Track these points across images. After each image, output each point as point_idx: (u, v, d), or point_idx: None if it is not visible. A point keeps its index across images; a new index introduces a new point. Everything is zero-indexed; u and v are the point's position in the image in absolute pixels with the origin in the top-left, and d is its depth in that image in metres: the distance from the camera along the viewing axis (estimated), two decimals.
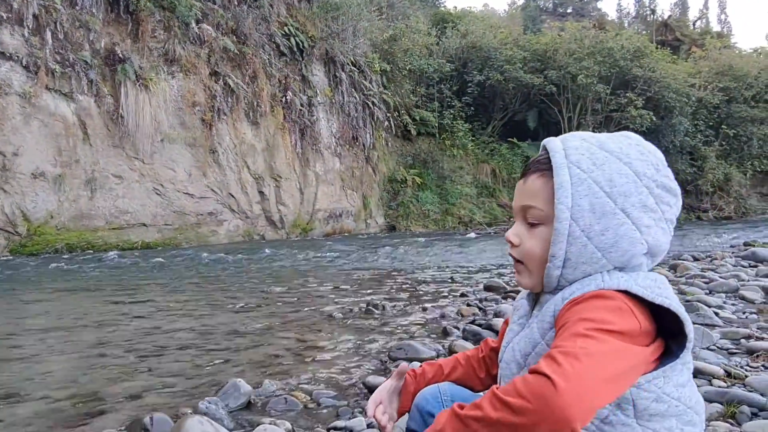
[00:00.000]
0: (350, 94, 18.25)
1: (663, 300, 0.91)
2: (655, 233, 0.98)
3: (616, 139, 1.03)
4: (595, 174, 0.97)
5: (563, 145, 1.01)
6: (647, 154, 1.01)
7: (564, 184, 0.97)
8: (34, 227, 10.47)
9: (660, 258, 1.03)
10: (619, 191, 0.96)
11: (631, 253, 0.96)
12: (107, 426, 2.19)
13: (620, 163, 0.98)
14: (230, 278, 7.24)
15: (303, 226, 16.09)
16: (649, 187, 0.97)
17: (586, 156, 0.99)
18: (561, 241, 0.97)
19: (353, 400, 2.44)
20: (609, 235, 0.95)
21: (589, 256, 0.96)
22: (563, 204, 0.97)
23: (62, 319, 4.54)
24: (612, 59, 22.63)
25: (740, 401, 2.09)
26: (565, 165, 0.99)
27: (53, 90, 10.94)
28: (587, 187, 0.96)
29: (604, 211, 0.96)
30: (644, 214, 0.97)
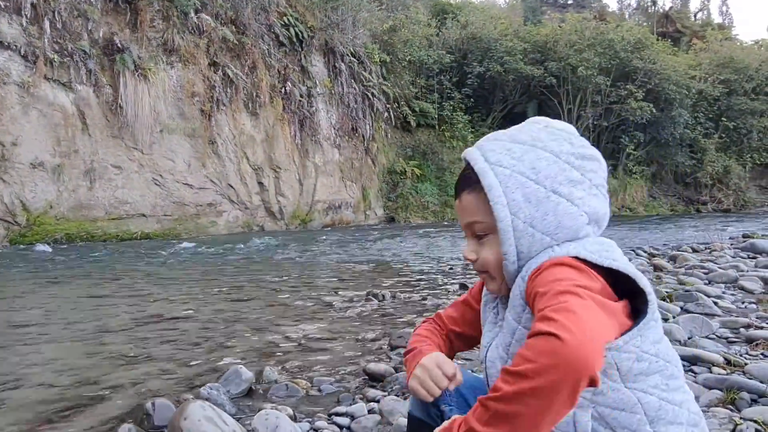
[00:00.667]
0: (350, 85, 18.18)
1: (611, 262, 0.95)
2: (590, 201, 1.03)
3: (526, 129, 1.08)
4: (518, 166, 1.01)
5: (481, 151, 1.06)
6: (558, 132, 1.06)
7: (493, 185, 1.01)
8: (33, 217, 10.46)
9: (604, 223, 1.08)
10: (544, 175, 1.00)
11: (576, 227, 1.01)
12: (109, 412, 2.20)
13: (537, 149, 1.03)
14: (230, 268, 7.25)
15: (302, 218, 16.09)
16: (570, 161, 1.02)
17: (504, 153, 1.03)
18: (509, 238, 1.01)
19: (354, 387, 2.45)
20: (550, 218, 1.00)
21: (540, 242, 1.00)
22: (499, 203, 1.01)
23: (62, 308, 4.54)
24: (612, 51, 22.55)
25: (740, 388, 2.10)
26: (488, 168, 1.03)
27: (52, 80, 10.89)
28: (515, 180, 1.01)
29: (538, 198, 1.00)
30: (574, 188, 1.01)
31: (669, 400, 0.98)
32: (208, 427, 1.76)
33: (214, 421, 1.79)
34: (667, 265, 6.00)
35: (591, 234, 1.04)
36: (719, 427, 1.83)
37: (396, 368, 2.59)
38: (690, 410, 1.01)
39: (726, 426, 1.83)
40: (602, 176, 1.07)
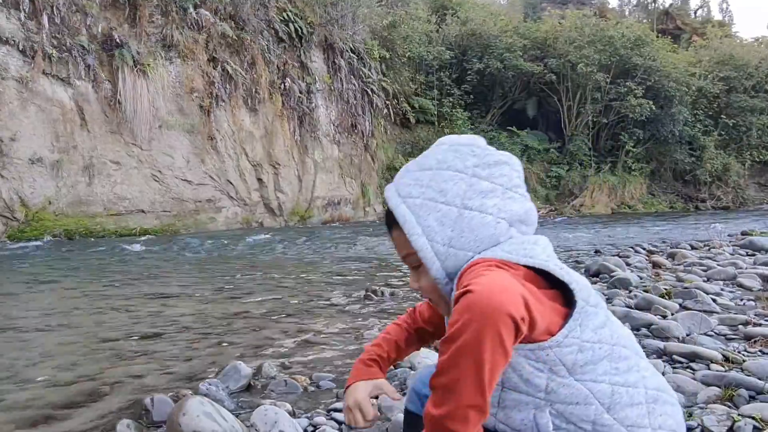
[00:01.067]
0: (349, 81, 18.14)
1: (526, 260, 0.98)
2: (506, 206, 1.05)
3: (431, 154, 1.11)
4: (427, 193, 1.05)
5: (395, 187, 1.11)
6: (462, 148, 1.08)
7: (406, 218, 1.06)
8: (32, 213, 10.45)
9: (532, 220, 1.09)
10: (453, 194, 1.04)
11: (495, 234, 1.03)
12: (108, 407, 2.21)
13: (442, 171, 1.06)
14: (228, 264, 7.25)
15: (301, 214, 16.08)
16: (477, 174, 1.05)
17: (413, 184, 1.08)
18: (433, 263, 1.04)
19: None
20: (467, 234, 1.02)
21: (463, 259, 1.03)
22: (414, 234, 1.04)
23: (61, 304, 4.54)
24: (612, 48, 22.49)
25: (738, 384, 2.10)
26: (400, 202, 1.08)
27: (50, 75, 10.86)
28: (426, 207, 1.05)
29: (451, 218, 1.03)
30: (485, 198, 1.04)
31: (622, 383, 0.99)
32: (206, 422, 1.76)
33: (213, 417, 1.79)
34: (666, 262, 6.01)
35: (515, 236, 1.05)
36: (717, 423, 1.83)
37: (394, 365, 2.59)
38: (647, 387, 1.02)
39: (724, 423, 1.83)
40: (516, 177, 1.09)
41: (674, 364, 2.49)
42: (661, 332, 2.96)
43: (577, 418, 0.97)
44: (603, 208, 22.45)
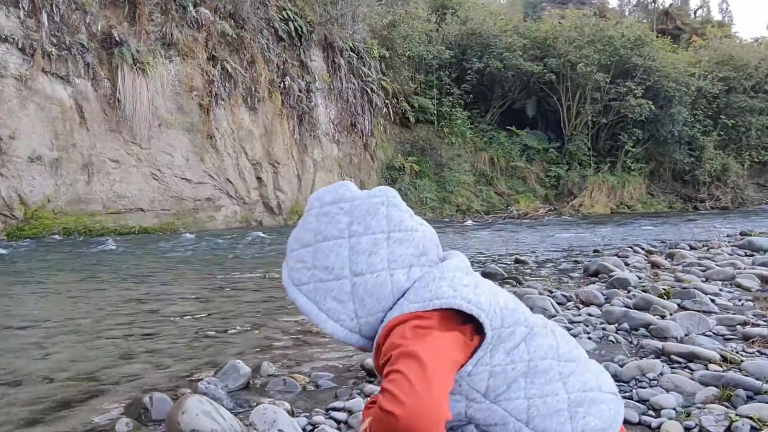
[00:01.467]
0: (349, 80, 18.14)
1: (434, 303, 0.96)
2: (395, 252, 1.03)
3: (306, 225, 1.10)
4: (315, 274, 1.05)
5: (288, 274, 1.11)
6: (330, 209, 1.07)
7: (308, 308, 1.06)
8: (31, 211, 10.44)
9: (431, 249, 1.07)
10: (339, 266, 1.02)
11: (395, 288, 1.02)
12: (106, 406, 2.21)
13: (321, 245, 1.05)
14: (228, 263, 7.25)
15: (301, 213, 16.04)
16: (354, 233, 1.03)
17: (301, 267, 1.07)
18: (350, 339, 1.06)
19: (351, 381, 2.45)
20: (369, 301, 1.02)
21: (377, 320, 1.03)
22: (321, 322, 1.05)
23: (59, 303, 4.54)
24: (612, 48, 22.49)
25: (736, 385, 2.11)
26: (296, 292, 1.08)
27: (50, 73, 10.85)
28: (320, 291, 1.04)
29: (345, 292, 1.02)
30: (372, 257, 1.02)
31: (538, 395, 1.00)
32: (205, 421, 1.76)
33: (212, 416, 1.79)
34: (665, 262, 6.02)
35: (418, 275, 1.04)
36: (715, 423, 1.83)
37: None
38: (569, 392, 1.03)
39: (722, 423, 1.84)
40: (394, 212, 1.07)
41: (672, 364, 2.49)
42: (660, 332, 2.96)
43: None
44: (602, 208, 22.46)
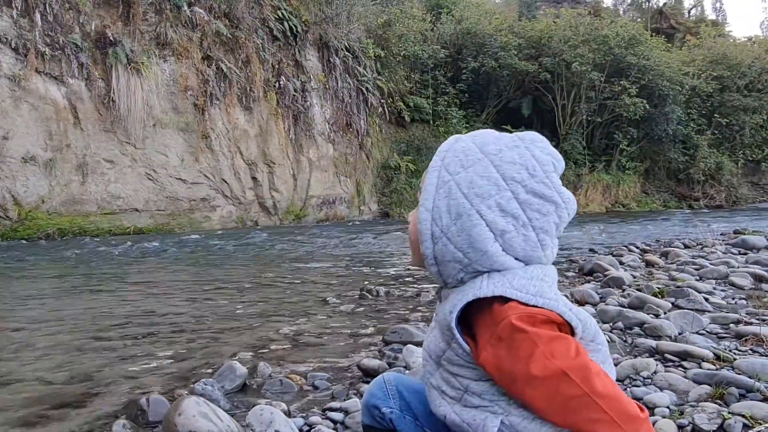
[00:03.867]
0: (344, 79, 18.13)
1: (537, 300, 0.94)
2: (513, 239, 0.99)
3: (503, 141, 1.04)
4: (459, 176, 1.01)
5: (448, 146, 1.07)
6: (527, 159, 1.01)
7: (428, 187, 1.03)
8: (25, 212, 10.40)
9: (530, 261, 1.02)
10: (476, 192, 0.99)
11: (490, 253, 0.98)
12: (103, 408, 2.21)
13: (489, 165, 1.00)
14: (223, 263, 7.24)
15: (296, 213, 16.07)
16: (515, 191, 0.98)
17: (459, 158, 1.03)
18: (425, 240, 1.03)
19: (348, 382, 2.46)
20: (464, 236, 0.99)
21: (452, 255, 1.01)
22: (423, 206, 1.03)
23: (55, 303, 4.53)
24: (607, 47, 22.56)
25: (729, 383, 2.13)
26: (437, 168, 1.04)
27: (43, 73, 10.80)
28: (448, 189, 1.01)
29: (459, 212, 0.99)
30: (501, 218, 0.98)
31: None
32: (202, 422, 1.77)
33: (209, 417, 1.80)
34: (660, 261, 6.05)
35: (512, 265, 1.00)
36: (708, 421, 1.85)
37: (390, 364, 2.60)
38: None
39: (714, 420, 1.86)
40: (551, 222, 1.01)
41: (666, 362, 2.51)
42: (654, 331, 2.99)
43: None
44: (597, 206, 22.54)
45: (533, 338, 0.90)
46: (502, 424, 0.99)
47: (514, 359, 0.91)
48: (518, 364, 0.91)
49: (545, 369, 0.89)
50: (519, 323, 0.91)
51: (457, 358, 1.02)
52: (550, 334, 0.91)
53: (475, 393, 1.02)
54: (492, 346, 0.94)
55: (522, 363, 0.90)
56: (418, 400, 1.25)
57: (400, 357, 2.64)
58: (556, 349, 0.90)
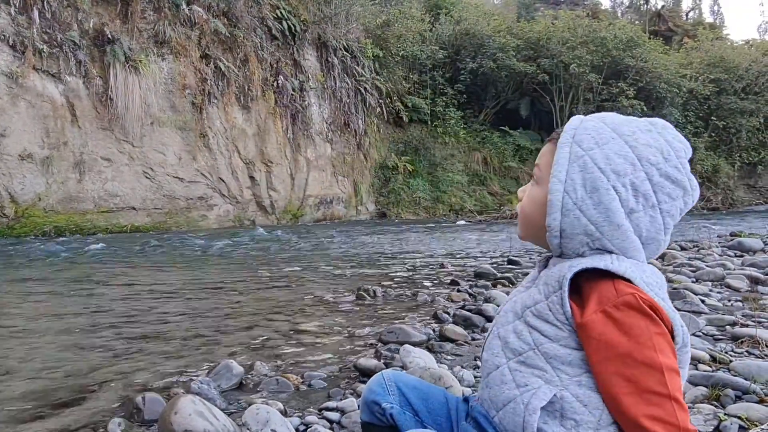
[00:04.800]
0: (342, 79, 18.13)
1: (658, 301, 0.94)
2: (641, 219, 1.00)
3: (635, 124, 1.05)
4: (594, 152, 1.01)
5: (577, 124, 1.07)
6: (661, 144, 1.02)
7: (560, 160, 1.03)
8: (21, 209, 10.37)
9: (651, 249, 1.03)
10: (613, 169, 1.00)
11: (622, 230, 0.99)
12: (99, 406, 2.20)
13: (624, 145, 1.01)
14: (220, 262, 7.23)
15: (294, 212, 16.06)
16: (649, 172, 1.00)
17: (592, 135, 1.03)
18: (554, 212, 1.03)
19: (344, 382, 2.46)
20: (601, 209, 0.99)
21: (584, 227, 1.01)
22: (556, 177, 1.03)
23: (51, 301, 4.52)
24: (605, 49, 22.61)
25: (725, 384, 2.13)
26: (568, 143, 1.04)
27: (41, 70, 10.78)
28: (583, 163, 1.01)
29: (596, 186, 1.00)
30: (633, 197, 0.99)
31: None
32: (198, 421, 1.76)
33: (205, 416, 1.80)
34: (656, 262, 6.06)
35: (638, 247, 1.01)
36: (704, 423, 1.86)
37: (387, 364, 2.60)
38: None
39: (710, 422, 1.86)
40: (678, 206, 1.02)
41: None
42: None
43: (570, 414, 0.96)
44: None
45: (649, 324, 0.91)
46: (555, 397, 0.98)
47: (623, 334, 0.91)
48: (624, 340, 0.91)
49: (648, 358, 0.90)
50: (644, 305, 0.92)
51: (548, 312, 1.00)
52: (663, 329, 0.92)
53: (544, 354, 1.00)
54: (605, 313, 0.93)
55: (629, 341, 0.91)
56: (417, 396, 1.25)
57: (397, 357, 2.64)
58: (664, 346, 0.91)
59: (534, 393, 0.98)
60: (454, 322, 3.48)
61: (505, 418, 1.02)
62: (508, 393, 1.02)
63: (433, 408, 1.23)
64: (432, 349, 2.90)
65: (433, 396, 1.26)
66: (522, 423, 0.98)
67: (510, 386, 1.02)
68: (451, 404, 1.24)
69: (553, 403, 0.97)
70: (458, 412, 1.21)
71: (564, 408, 0.97)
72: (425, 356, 2.60)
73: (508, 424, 1.02)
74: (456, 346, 3.01)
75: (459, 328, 3.24)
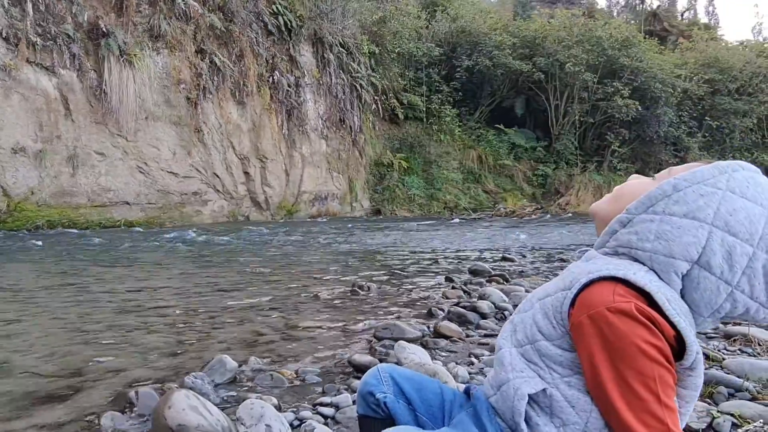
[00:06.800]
0: (338, 75, 18.09)
1: (676, 318, 0.91)
2: (706, 280, 0.94)
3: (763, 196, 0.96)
4: (732, 196, 0.94)
5: (746, 167, 0.99)
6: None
7: (699, 173, 0.98)
8: (14, 203, 10.29)
9: (691, 317, 0.97)
10: (727, 220, 0.93)
11: (671, 262, 0.95)
12: (92, 400, 2.19)
13: (763, 218, 0.93)
14: (214, 258, 7.21)
15: (288, 208, 16.03)
16: (756, 255, 0.92)
17: (748, 185, 0.95)
18: (644, 202, 1.00)
19: (339, 377, 2.46)
20: (675, 231, 0.95)
21: (645, 231, 0.98)
22: (677, 180, 0.99)
23: (43, 295, 4.49)
24: (600, 48, 22.67)
25: (718, 382, 2.15)
26: (721, 171, 0.97)
27: (34, 63, 10.68)
28: (710, 192, 0.95)
29: (696, 216, 0.94)
30: (721, 258, 0.93)
31: None
32: (192, 416, 1.75)
33: (199, 410, 1.79)
34: None
35: (676, 284, 0.96)
36: (697, 420, 1.87)
37: (381, 359, 2.60)
38: None
39: (704, 419, 1.87)
40: (743, 304, 0.95)
41: None
42: None
43: (557, 412, 0.98)
44: (588, 207, 22.63)
45: (643, 332, 0.88)
46: (543, 392, 0.98)
47: (614, 340, 0.89)
48: (614, 347, 0.89)
49: (636, 364, 0.89)
50: (636, 313, 0.89)
51: (550, 308, 1.00)
52: (659, 341, 0.89)
53: (538, 351, 1.01)
54: (597, 317, 0.91)
55: (619, 347, 0.89)
56: (412, 387, 1.26)
57: (392, 353, 2.64)
58: (655, 354, 0.89)
59: (525, 380, 1.00)
60: (448, 318, 3.48)
61: (499, 400, 1.05)
62: (504, 375, 1.05)
63: (426, 398, 1.24)
64: (426, 346, 2.90)
65: (428, 387, 1.27)
66: (511, 408, 1.01)
67: (507, 369, 1.05)
68: (446, 396, 1.25)
69: (543, 397, 0.99)
70: (453, 403, 1.22)
71: (553, 405, 0.98)
72: (420, 352, 2.60)
73: (501, 406, 1.05)
74: (450, 342, 3.01)
75: (453, 324, 3.24)
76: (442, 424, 1.20)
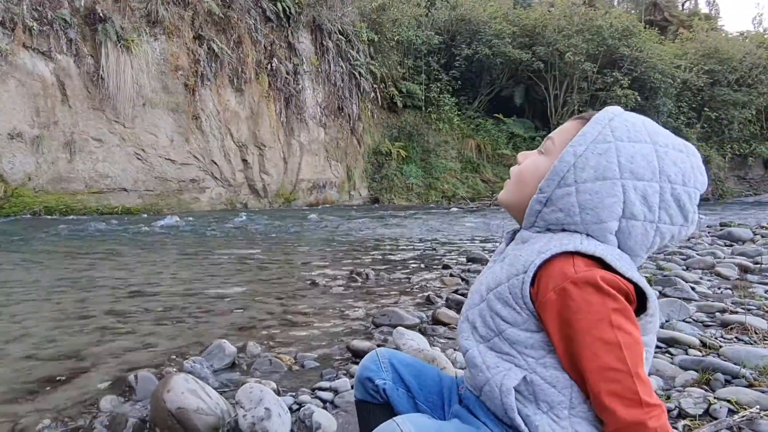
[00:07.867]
0: (337, 63, 17.98)
1: (629, 273, 0.94)
2: (634, 228, 0.99)
3: (671, 139, 1.04)
4: (623, 144, 1.00)
5: (618, 112, 1.05)
6: (687, 167, 1.01)
7: (587, 134, 1.01)
8: (11, 189, 10.26)
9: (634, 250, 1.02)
10: (631, 168, 0.98)
11: (604, 228, 0.99)
12: (91, 384, 2.19)
13: (653, 152, 1.00)
14: (212, 244, 7.20)
15: (286, 196, 16.00)
16: (663, 188, 0.99)
17: (628, 128, 1.02)
18: (553, 179, 1.01)
19: (337, 362, 2.47)
20: (595, 198, 0.98)
21: (568, 207, 1.00)
22: (573, 148, 1.01)
23: (41, 281, 4.48)
24: (600, 37, 22.55)
25: (714, 369, 2.16)
26: (602, 124, 1.02)
27: (31, 48, 10.60)
28: (605, 148, 0.99)
29: (606, 176, 0.98)
30: (640, 204, 0.98)
31: None
32: (191, 399, 1.76)
33: (198, 394, 1.79)
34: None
35: (612, 241, 1.00)
36: (694, 406, 1.88)
37: (379, 346, 2.60)
38: None
39: (700, 405, 1.88)
40: (672, 231, 1.01)
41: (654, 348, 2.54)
42: None
43: (542, 397, 0.97)
44: None
45: (607, 301, 0.91)
46: (524, 380, 0.98)
47: (581, 312, 0.91)
48: (582, 319, 0.91)
49: (606, 335, 0.90)
50: (602, 283, 0.91)
51: (509, 295, 1.00)
52: (623, 305, 0.92)
53: (507, 339, 1.01)
54: (563, 290, 0.92)
55: (586, 319, 0.91)
56: (411, 373, 1.25)
57: (390, 339, 2.65)
58: (623, 322, 0.90)
59: (505, 374, 1.00)
60: (446, 305, 3.49)
61: (487, 401, 1.04)
62: (482, 376, 1.03)
63: (425, 385, 1.24)
64: (425, 332, 2.91)
65: (427, 374, 1.27)
66: (501, 405, 1.00)
67: (482, 369, 1.03)
68: (445, 383, 1.24)
69: (525, 386, 0.99)
70: (452, 392, 1.22)
71: (536, 391, 0.98)
72: (418, 338, 2.61)
73: (491, 406, 1.04)
74: (448, 329, 3.02)
75: (451, 311, 3.25)
76: (441, 411, 1.20)
